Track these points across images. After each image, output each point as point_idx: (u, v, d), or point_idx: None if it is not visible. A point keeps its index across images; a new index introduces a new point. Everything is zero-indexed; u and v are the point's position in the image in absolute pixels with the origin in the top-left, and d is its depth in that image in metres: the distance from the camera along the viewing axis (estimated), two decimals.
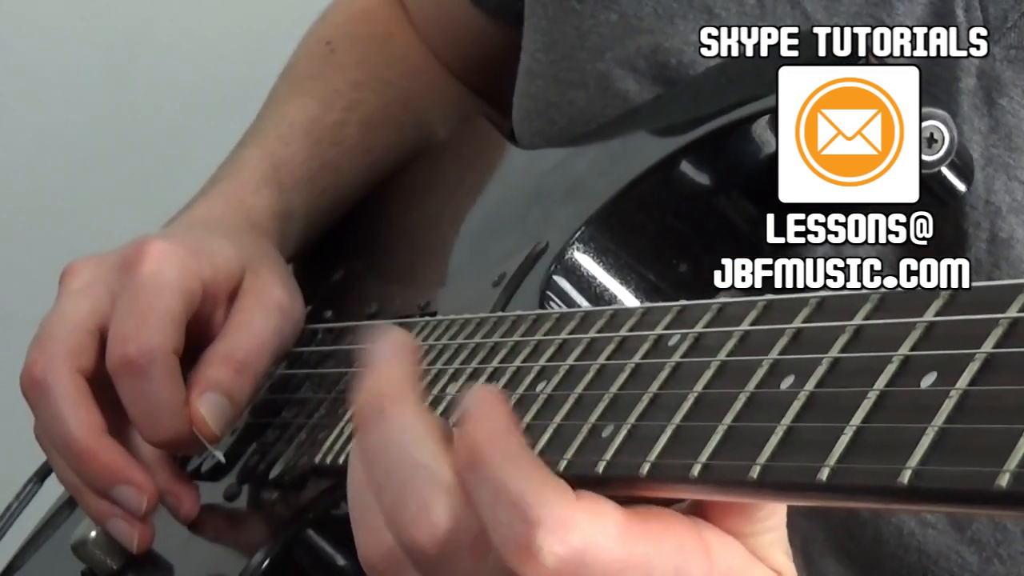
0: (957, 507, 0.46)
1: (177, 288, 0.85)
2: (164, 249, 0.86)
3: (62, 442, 0.85)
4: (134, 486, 0.85)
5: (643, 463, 0.55)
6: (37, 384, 0.86)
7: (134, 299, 0.85)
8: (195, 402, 0.84)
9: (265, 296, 0.89)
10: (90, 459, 0.84)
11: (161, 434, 0.84)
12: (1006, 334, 0.47)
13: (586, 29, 0.86)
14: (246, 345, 0.87)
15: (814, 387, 0.52)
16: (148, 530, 0.86)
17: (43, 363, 0.86)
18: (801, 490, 0.50)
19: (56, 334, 0.86)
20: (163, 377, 0.83)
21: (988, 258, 0.76)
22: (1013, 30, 0.76)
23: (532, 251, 0.79)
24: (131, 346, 0.83)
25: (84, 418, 0.85)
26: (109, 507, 0.86)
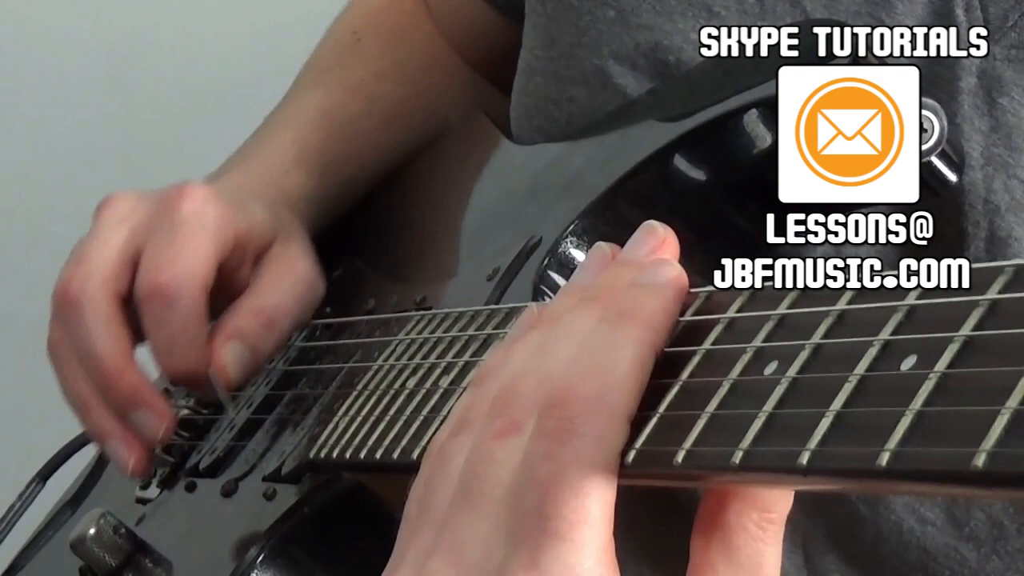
0: (935, 487, 0.46)
1: (213, 231, 0.86)
2: (205, 193, 0.88)
3: (91, 359, 0.86)
4: (156, 412, 0.86)
5: (629, 450, 0.55)
6: (72, 299, 0.86)
7: (171, 232, 0.86)
8: (220, 346, 0.86)
9: (294, 265, 0.91)
10: (119, 379, 0.85)
11: (179, 365, 0.85)
12: (985, 316, 0.47)
13: (584, 25, 0.87)
14: (274, 304, 0.89)
15: (796, 372, 0.52)
16: (145, 460, 0.87)
17: (81, 280, 0.86)
18: (782, 474, 0.50)
19: (94, 257, 0.87)
20: (190, 310, 0.85)
21: (986, 256, 0.76)
22: (1013, 30, 0.76)
23: (526, 245, 0.79)
24: (164, 274, 0.85)
25: (118, 339, 0.86)
26: (114, 427, 0.87)
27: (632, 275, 0.58)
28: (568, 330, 0.57)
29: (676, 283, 0.58)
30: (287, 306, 0.89)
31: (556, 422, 0.54)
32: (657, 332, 0.56)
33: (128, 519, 0.91)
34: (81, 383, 0.87)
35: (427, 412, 0.70)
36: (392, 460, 0.71)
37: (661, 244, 0.60)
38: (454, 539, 0.56)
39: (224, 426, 0.93)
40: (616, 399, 0.54)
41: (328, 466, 0.78)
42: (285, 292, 0.89)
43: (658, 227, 0.60)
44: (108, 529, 0.87)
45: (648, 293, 0.57)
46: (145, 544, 0.87)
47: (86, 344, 0.86)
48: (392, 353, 0.78)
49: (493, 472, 0.55)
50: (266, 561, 0.77)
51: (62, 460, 1.08)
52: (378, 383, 0.77)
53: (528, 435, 0.55)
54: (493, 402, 0.57)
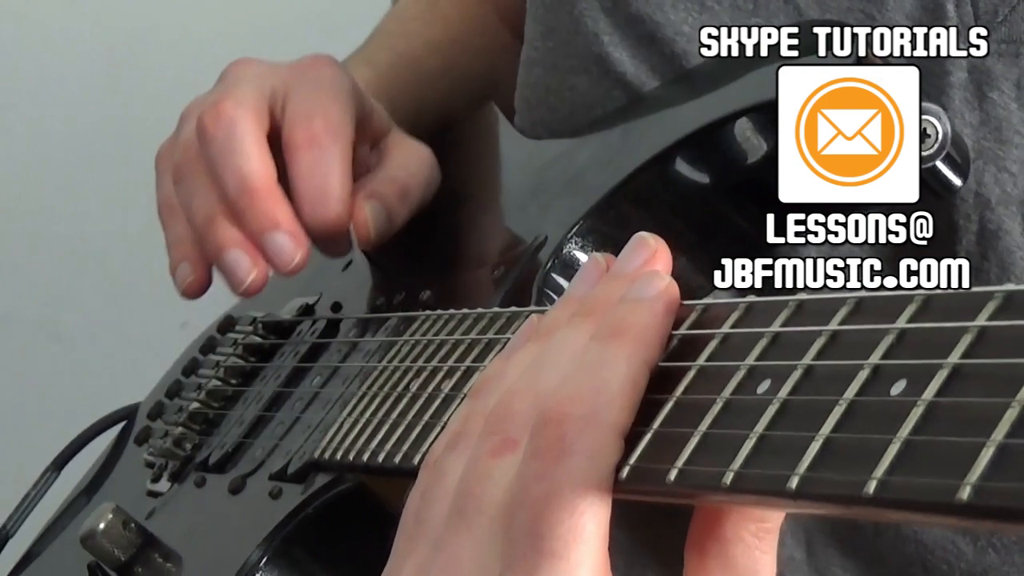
0: (921, 517, 0.46)
1: (350, 94, 0.88)
2: (337, 66, 0.90)
3: (239, 176, 0.85)
4: (293, 236, 0.86)
5: (624, 466, 0.55)
6: (226, 117, 0.86)
7: (315, 89, 0.87)
8: (363, 201, 0.87)
9: (415, 149, 0.93)
10: (266, 197, 0.85)
11: (324, 214, 0.86)
12: (974, 342, 0.47)
13: (579, 14, 0.87)
14: (406, 176, 0.91)
15: (788, 393, 0.51)
16: (265, 277, 0.87)
17: (235, 102, 0.87)
18: (771, 497, 0.50)
19: (248, 89, 0.88)
20: (341, 158, 0.86)
21: (977, 249, 0.76)
22: (1003, 24, 0.76)
23: (530, 245, 0.79)
24: (318, 122, 0.86)
25: (267, 159, 0.86)
26: (241, 239, 0.86)
27: (623, 288, 0.58)
28: (561, 346, 0.57)
29: (666, 296, 0.57)
30: (417, 182, 0.91)
31: (549, 440, 0.54)
32: (649, 347, 0.56)
33: (138, 512, 0.91)
34: (208, 197, 0.87)
35: (428, 418, 0.70)
36: (394, 465, 0.71)
37: (653, 256, 0.60)
38: (450, 558, 0.56)
39: (234, 421, 0.93)
40: (608, 416, 0.54)
41: (333, 467, 0.78)
42: (414, 169, 0.91)
43: (649, 239, 0.60)
44: (118, 524, 0.87)
45: (638, 308, 0.57)
46: (155, 538, 0.88)
47: (236, 161, 0.85)
48: (397, 354, 0.78)
49: (488, 490, 0.56)
50: (270, 562, 0.77)
51: (77, 449, 1.09)
52: (383, 384, 0.77)
53: (522, 453, 0.55)
54: (488, 418, 0.57)
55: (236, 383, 0.97)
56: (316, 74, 0.88)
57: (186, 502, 0.91)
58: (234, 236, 0.86)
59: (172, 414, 1.00)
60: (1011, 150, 0.75)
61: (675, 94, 0.80)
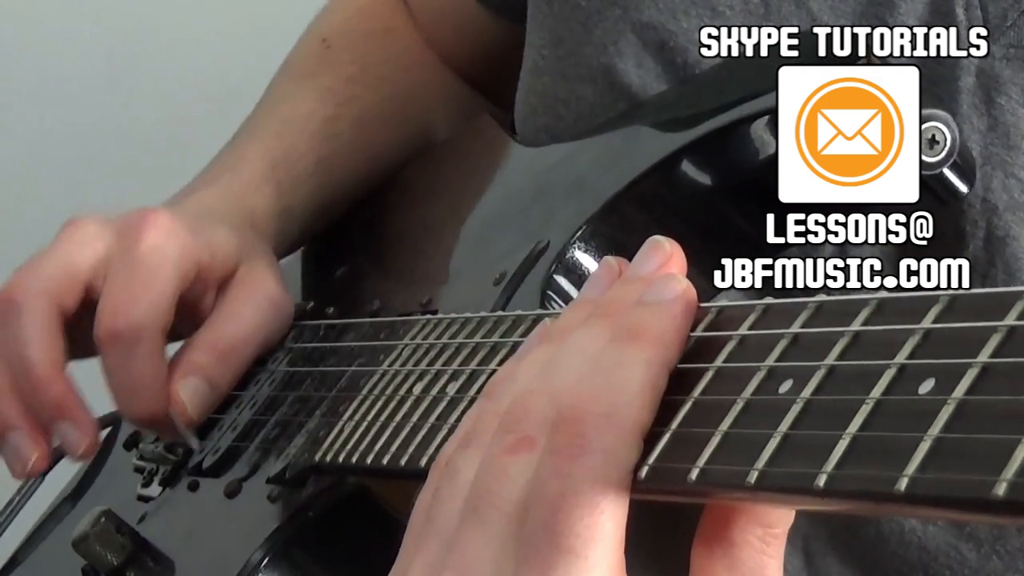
0: (954, 513, 0.46)
1: (174, 266, 0.86)
2: (168, 224, 0.87)
3: (22, 365, 0.86)
4: (80, 426, 0.86)
5: (643, 466, 0.55)
6: (14, 303, 0.87)
7: (131, 271, 0.86)
8: (176, 384, 0.86)
9: (257, 289, 0.90)
10: (47, 388, 0.86)
11: (139, 411, 0.86)
12: (1004, 341, 0.47)
13: (590, 24, 0.87)
14: (232, 334, 0.88)
15: (812, 393, 0.52)
16: (45, 460, 0.88)
17: (26, 287, 0.87)
18: (798, 495, 0.50)
19: (47, 268, 0.87)
20: (148, 355, 0.85)
21: (984, 255, 0.76)
22: (1012, 29, 0.76)
23: (533, 250, 0.79)
24: (121, 320, 0.85)
25: (52, 348, 0.86)
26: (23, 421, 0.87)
27: (640, 291, 0.58)
28: (578, 347, 0.57)
29: (684, 298, 0.57)
30: (246, 334, 0.89)
31: (567, 438, 0.54)
32: (668, 349, 0.56)
33: (130, 517, 0.90)
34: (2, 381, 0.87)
35: (434, 419, 0.70)
36: (399, 467, 0.70)
37: (668, 259, 0.60)
38: (464, 555, 0.56)
39: (226, 426, 0.92)
40: (628, 415, 0.54)
41: (334, 470, 0.78)
42: (246, 319, 0.89)
43: (665, 242, 0.60)
44: (111, 527, 0.87)
45: (657, 311, 0.57)
46: (148, 543, 0.87)
47: (20, 349, 0.86)
48: (398, 357, 0.78)
49: (506, 488, 0.55)
50: (270, 565, 0.77)
51: (62, 454, 1.08)
52: (384, 388, 0.77)
53: (540, 451, 0.55)
54: (504, 417, 0.57)
55: None
56: (135, 250, 0.86)
57: (179, 506, 0.91)
58: (16, 416, 0.87)
59: None
60: (1019, 156, 0.75)
61: (679, 98, 0.80)
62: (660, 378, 0.56)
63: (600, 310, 0.59)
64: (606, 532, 0.54)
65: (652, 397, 0.55)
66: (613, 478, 0.54)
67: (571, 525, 0.53)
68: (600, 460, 0.54)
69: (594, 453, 0.54)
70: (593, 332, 0.58)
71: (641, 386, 0.55)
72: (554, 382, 0.57)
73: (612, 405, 0.54)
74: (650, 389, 0.55)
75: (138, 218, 0.87)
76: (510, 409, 0.57)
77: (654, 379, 0.55)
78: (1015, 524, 0.70)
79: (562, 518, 0.53)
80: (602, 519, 0.54)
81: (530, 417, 0.56)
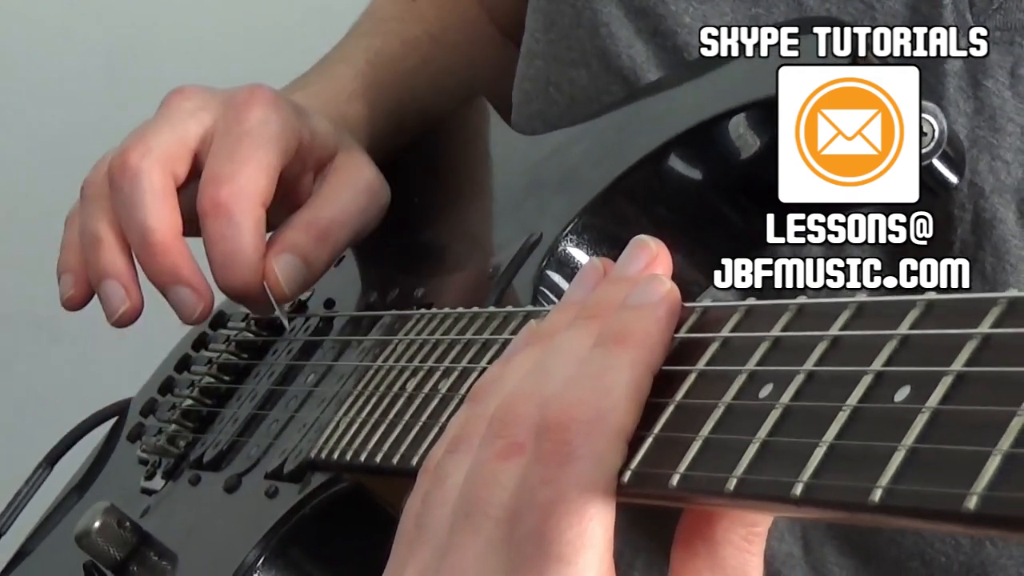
0: (927, 524, 0.46)
1: (277, 141, 0.87)
2: (272, 100, 0.88)
3: (140, 230, 0.86)
4: (195, 290, 0.87)
5: (625, 471, 0.55)
6: (131, 169, 0.87)
7: (236, 143, 0.87)
8: (272, 259, 0.86)
9: (355, 174, 0.91)
10: (165, 252, 0.86)
11: (234, 280, 0.86)
12: (979, 348, 0.47)
13: (581, 6, 0.86)
14: (330, 215, 0.89)
15: (791, 399, 0.51)
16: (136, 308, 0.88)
17: (143, 152, 0.87)
18: (775, 503, 0.50)
19: (161, 135, 0.88)
20: (248, 226, 0.85)
21: (972, 239, 0.76)
22: (999, 12, 0.76)
23: (526, 243, 0.79)
24: (224, 189, 0.85)
25: (169, 214, 0.86)
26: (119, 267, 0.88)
27: (624, 292, 0.58)
28: (563, 350, 0.57)
29: (668, 300, 0.57)
30: (344, 217, 0.89)
31: (554, 445, 0.54)
32: (652, 352, 0.56)
33: (133, 510, 0.91)
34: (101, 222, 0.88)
35: (426, 418, 0.70)
36: (392, 465, 0.71)
37: (654, 259, 0.60)
38: (456, 562, 0.56)
39: (227, 419, 0.93)
40: (613, 420, 0.54)
41: (330, 466, 0.78)
42: (344, 203, 0.90)
43: (649, 242, 0.60)
44: (113, 523, 0.87)
45: (641, 313, 0.57)
46: (150, 537, 0.88)
47: (138, 214, 0.86)
48: (393, 353, 0.78)
49: (496, 495, 0.56)
50: (267, 562, 0.77)
51: (69, 445, 1.08)
52: (379, 384, 0.77)
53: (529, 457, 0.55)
54: (491, 422, 0.57)
55: (229, 380, 0.97)
56: (241, 123, 0.87)
57: (181, 500, 0.91)
58: (116, 267, 0.88)
59: (165, 411, 1.00)
60: (1005, 138, 0.75)
61: (671, 89, 0.80)
62: (644, 381, 0.56)
63: (586, 312, 0.59)
64: (595, 538, 0.54)
65: (636, 401, 0.55)
66: (600, 484, 0.54)
67: (561, 532, 0.54)
68: (587, 466, 0.54)
69: (581, 460, 0.54)
70: (579, 335, 0.58)
71: (625, 390, 0.55)
72: (541, 386, 0.57)
73: (598, 410, 0.54)
74: (634, 392, 0.55)
75: (245, 92, 0.89)
76: (497, 414, 0.57)
77: (638, 382, 0.55)
78: (987, 536, 0.70)
79: (552, 525, 0.54)
80: (591, 525, 0.54)
81: (519, 422, 0.56)
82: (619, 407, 0.55)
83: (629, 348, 0.56)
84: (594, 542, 0.54)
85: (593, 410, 0.54)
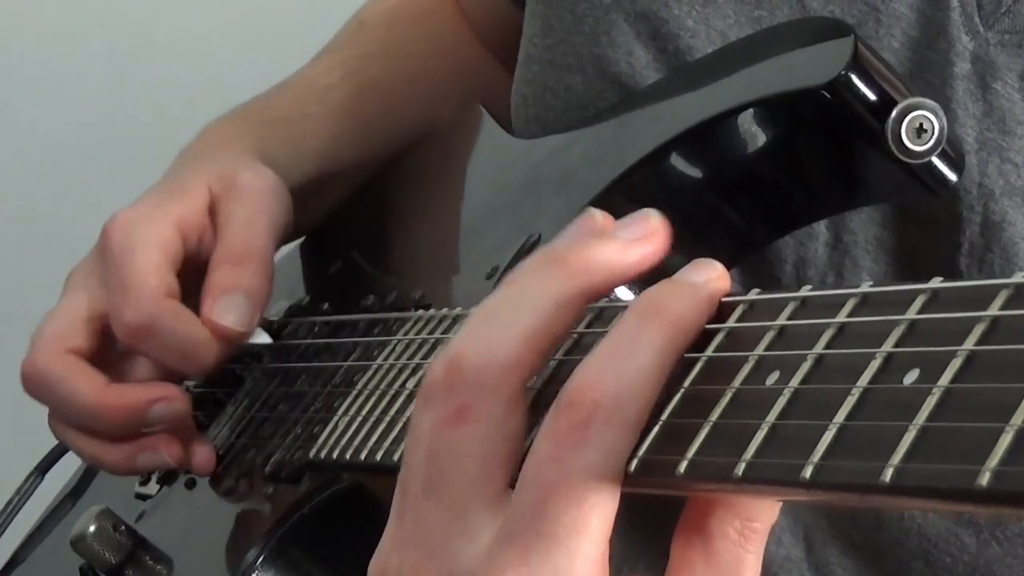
0: (939, 504, 0.46)
1: (149, 243, 0.87)
2: (125, 218, 0.88)
3: (78, 416, 0.87)
4: (164, 399, 0.87)
5: (633, 459, 0.55)
6: (34, 376, 0.88)
7: (114, 272, 0.87)
8: (209, 313, 0.86)
9: (234, 189, 0.90)
10: (110, 409, 0.86)
11: (205, 363, 0.86)
12: (988, 331, 0.47)
13: (581, 13, 0.86)
14: (236, 237, 0.88)
15: (798, 383, 0.52)
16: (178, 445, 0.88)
17: (33, 356, 0.89)
18: (785, 486, 0.50)
19: (45, 330, 0.89)
20: (171, 321, 0.85)
21: (981, 241, 0.76)
22: (1007, 15, 0.76)
23: (525, 243, 0.79)
24: (127, 314, 0.85)
25: (85, 382, 0.87)
26: (132, 447, 0.88)
27: (609, 252, 0.58)
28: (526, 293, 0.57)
29: (714, 284, 0.57)
30: (250, 229, 0.89)
31: (570, 424, 0.54)
32: (685, 334, 0.55)
33: (128, 515, 0.91)
34: (86, 443, 0.89)
35: None
36: (392, 463, 0.71)
37: (651, 233, 0.59)
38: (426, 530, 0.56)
39: (224, 423, 0.93)
40: (632, 409, 0.54)
41: (328, 466, 0.78)
42: (241, 218, 0.89)
43: (652, 216, 0.60)
44: (108, 526, 0.87)
45: (684, 292, 0.56)
46: (146, 541, 0.88)
47: (68, 406, 0.88)
48: (392, 352, 0.78)
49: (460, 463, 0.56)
50: (266, 562, 0.77)
51: (61, 453, 1.08)
52: (377, 383, 0.77)
53: (483, 422, 0.55)
54: (441, 380, 0.57)
55: (225, 384, 0.97)
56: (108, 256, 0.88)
57: (177, 504, 0.91)
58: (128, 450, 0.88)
59: None
60: (1015, 141, 0.75)
61: (670, 89, 0.80)
62: (669, 366, 0.55)
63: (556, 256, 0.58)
64: (592, 525, 0.54)
65: (657, 389, 0.55)
66: (607, 472, 0.54)
67: (558, 515, 0.54)
68: (598, 455, 0.54)
69: (592, 447, 0.54)
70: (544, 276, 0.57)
71: (650, 376, 0.54)
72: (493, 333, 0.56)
73: (618, 396, 0.54)
74: (658, 379, 0.55)
75: (102, 234, 0.89)
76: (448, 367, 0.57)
77: (664, 367, 0.55)
78: (999, 515, 0.70)
79: (551, 506, 0.54)
80: (590, 513, 0.54)
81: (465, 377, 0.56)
82: (641, 395, 0.54)
83: (663, 326, 0.55)
84: (590, 530, 0.54)
85: (614, 394, 0.54)
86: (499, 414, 0.56)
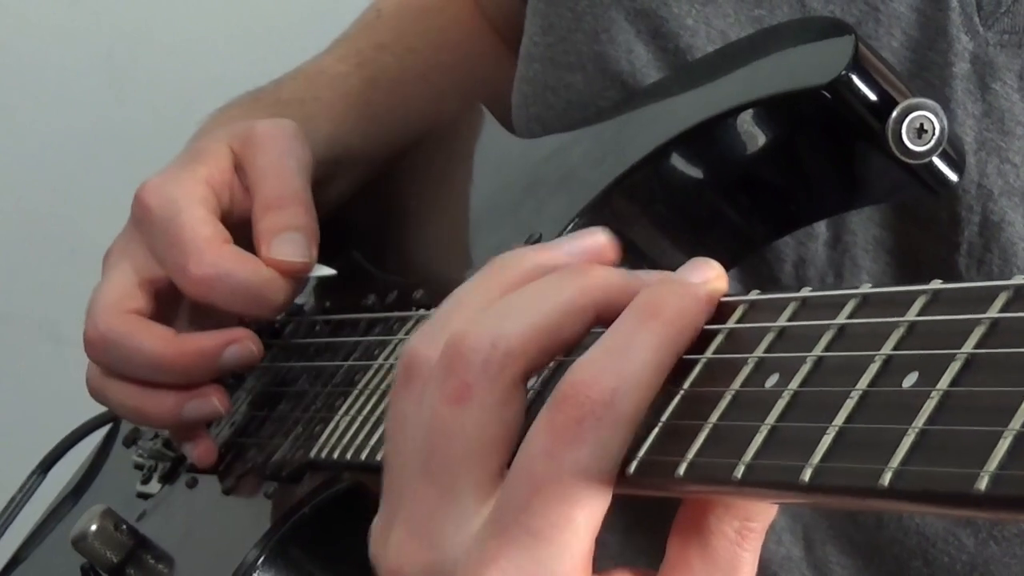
0: (938, 508, 0.46)
1: (189, 199, 0.87)
2: (155, 184, 0.89)
3: (144, 369, 0.87)
4: (236, 340, 0.87)
5: (632, 460, 0.55)
6: (96, 339, 0.87)
7: (163, 234, 0.87)
8: (268, 256, 0.86)
9: (254, 142, 0.90)
10: (182, 355, 0.86)
11: (276, 302, 0.86)
12: (987, 333, 0.47)
13: (581, 11, 0.86)
14: (270, 186, 0.89)
15: (798, 386, 0.52)
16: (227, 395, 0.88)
17: (95, 320, 0.88)
18: (784, 489, 0.50)
19: (100, 299, 0.89)
20: (236, 266, 0.85)
21: (980, 241, 0.76)
22: (1007, 15, 0.76)
23: (525, 243, 0.79)
24: (191, 268, 0.85)
25: (152, 335, 0.87)
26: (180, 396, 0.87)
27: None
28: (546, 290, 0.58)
29: (712, 285, 0.57)
30: (278, 173, 0.89)
31: (566, 419, 0.54)
32: (682, 334, 0.56)
33: (129, 514, 0.91)
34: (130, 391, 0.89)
35: None
36: None
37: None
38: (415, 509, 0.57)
39: (225, 421, 0.93)
40: (628, 407, 0.54)
41: (329, 466, 0.78)
42: (266, 167, 0.89)
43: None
44: (109, 525, 0.87)
45: (682, 292, 0.56)
46: (147, 540, 0.88)
47: (139, 362, 0.87)
48: (392, 352, 0.78)
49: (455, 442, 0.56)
50: (267, 562, 0.77)
51: (63, 452, 1.08)
52: (378, 383, 0.77)
53: (484, 403, 0.55)
54: (440, 359, 0.57)
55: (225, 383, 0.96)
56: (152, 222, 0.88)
57: (178, 503, 0.91)
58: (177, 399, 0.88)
59: None
60: (1014, 141, 0.75)
61: (671, 89, 0.80)
62: (667, 365, 0.55)
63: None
64: (578, 525, 0.54)
65: (655, 387, 0.55)
66: (599, 472, 0.54)
67: (546, 511, 0.54)
68: (590, 454, 0.54)
69: (586, 445, 0.54)
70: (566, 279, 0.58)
71: (647, 374, 0.55)
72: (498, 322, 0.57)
73: (614, 393, 0.54)
74: (655, 378, 0.55)
75: (135, 205, 0.89)
76: (448, 350, 0.57)
77: (661, 366, 0.55)
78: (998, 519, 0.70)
79: (540, 501, 0.54)
80: (576, 512, 0.54)
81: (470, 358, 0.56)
82: (637, 394, 0.54)
83: (660, 325, 0.55)
84: (576, 528, 0.54)
85: (610, 392, 0.54)
86: (500, 397, 0.56)
